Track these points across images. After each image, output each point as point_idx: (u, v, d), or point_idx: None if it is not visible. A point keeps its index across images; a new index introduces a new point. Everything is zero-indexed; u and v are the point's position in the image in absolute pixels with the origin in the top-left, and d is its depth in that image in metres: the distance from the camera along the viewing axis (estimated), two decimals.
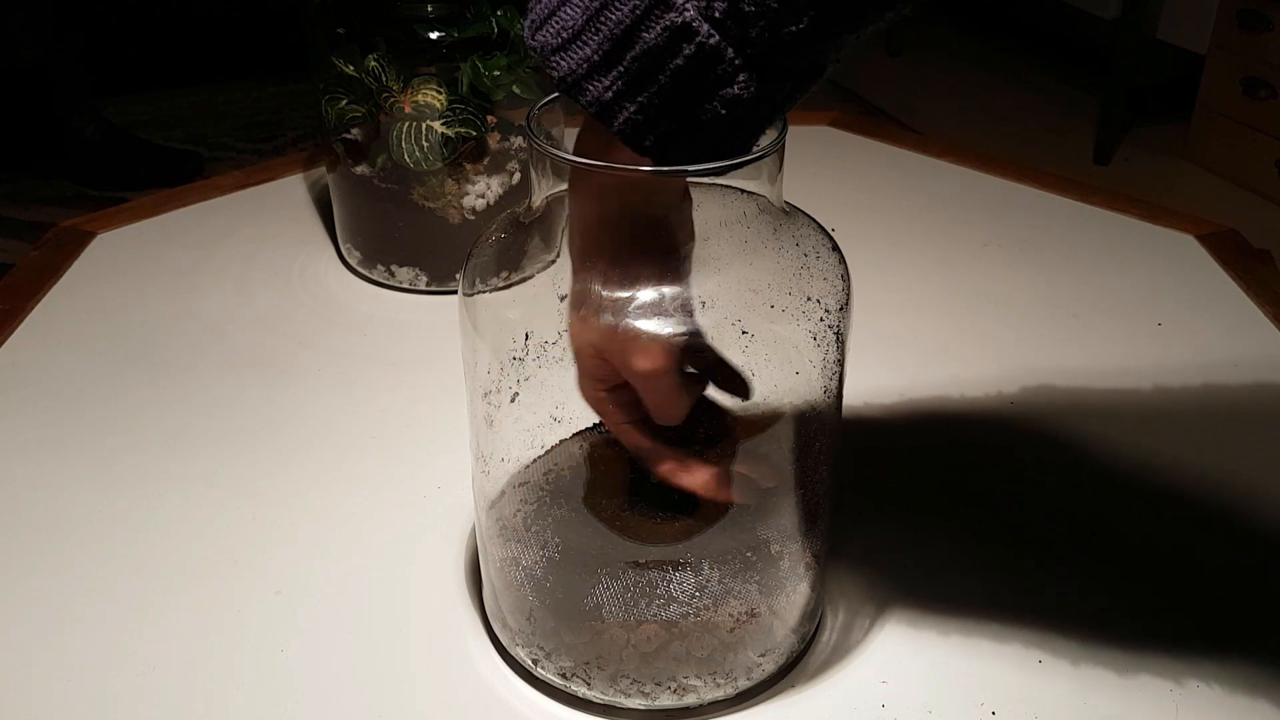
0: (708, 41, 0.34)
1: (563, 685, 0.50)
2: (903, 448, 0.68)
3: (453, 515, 0.61)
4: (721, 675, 0.49)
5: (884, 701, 0.50)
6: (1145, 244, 0.91)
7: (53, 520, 0.61)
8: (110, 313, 0.81)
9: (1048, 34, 2.94)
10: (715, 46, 0.34)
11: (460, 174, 0.79)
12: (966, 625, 0.54)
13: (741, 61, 0.35)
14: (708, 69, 0.35)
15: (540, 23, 0.37)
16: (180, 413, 0.70)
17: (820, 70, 0.37)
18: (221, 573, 0.58)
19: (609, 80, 0.35)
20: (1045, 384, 0.73)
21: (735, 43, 0.34)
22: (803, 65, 0.36)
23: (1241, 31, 2.22)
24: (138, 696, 0.51)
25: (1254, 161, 2.25)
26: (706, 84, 0.35)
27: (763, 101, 0.36)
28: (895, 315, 0.80)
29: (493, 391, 0.47)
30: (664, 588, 0.48)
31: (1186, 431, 0.69)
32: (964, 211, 0.96)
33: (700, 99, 0.36)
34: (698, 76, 0.35)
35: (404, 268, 0.83)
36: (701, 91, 0.35)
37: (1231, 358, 0.76)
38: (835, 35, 0.35)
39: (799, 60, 0.36)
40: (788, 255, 0.45)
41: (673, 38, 0.34)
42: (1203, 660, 0.53)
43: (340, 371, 0.75)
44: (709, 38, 0.34)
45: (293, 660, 0.53)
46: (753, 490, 0.48)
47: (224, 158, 2.41)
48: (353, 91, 0.78)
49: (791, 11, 0.34)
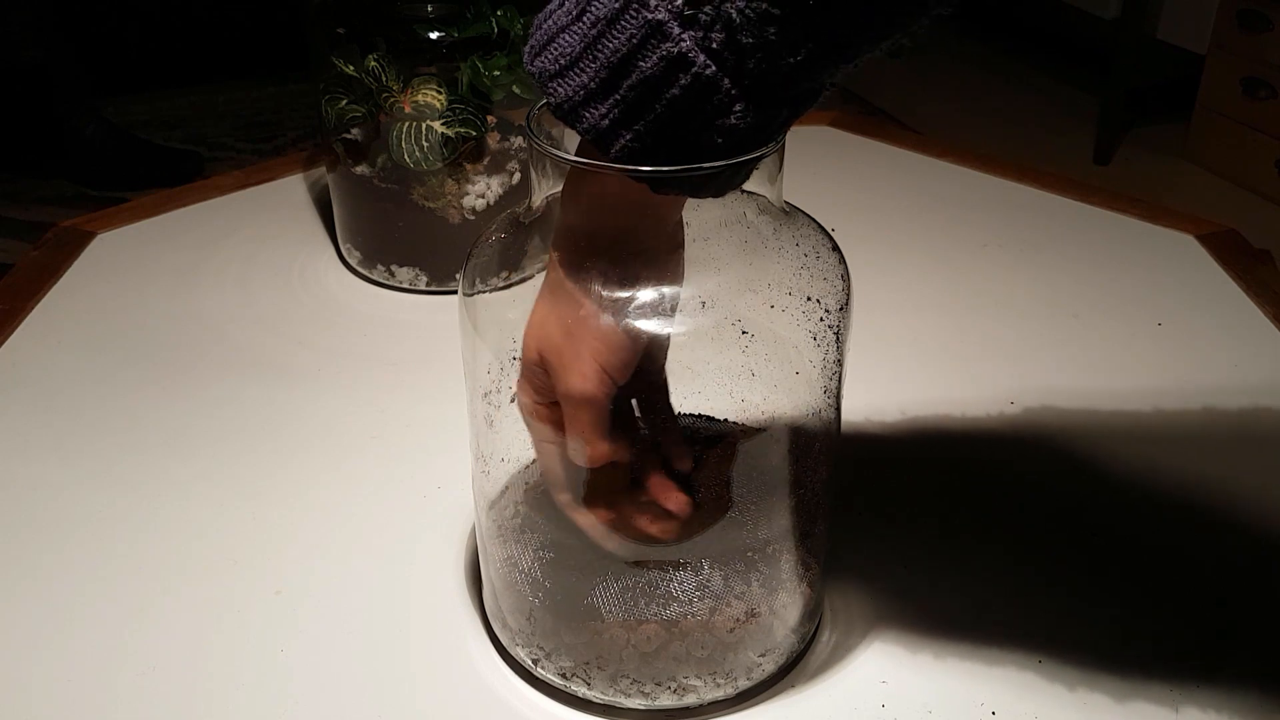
0: (704, 72, 0.34)
1: (563, 685, 0.50)
2: (903, 448, 0.68)
3: (453, 515, 0.61)
4: (721, 675, 0.49)
5: (884, 701, 0.50)
6: (1145, 244, 0.91)
7: (53, 520, 0.61)
8: (110, 313, 0.81)
9: (1048, 34, 2.94)
10: (712, 77, 0.34)
11: (460, 174, 0.79)
12: (966, 625, 0.54)
13: (738, 92, 0.35)
14: (704, 99, 0.35)
15: (539, 49, 0.37)
16: (180, 413, 0.70)
17: (815, 97, 0.38)
18: (221, 573, 0.58)
19: (605, 108, 0.36)
20: (1045, 384, 0.73)
21: (732, 73, 0.35)
22: (798, 94, 0.36)
23: (1241, 31, 2.22)
24: (138, 696, 0.51)
25: (1254, 161, 2.25)
26: (703, 114, 0.35)
27: (758, 130, 0.36)
28: (895, 315, 0.80)
29: (493, 391, 0.47)
30: (664, 588, 0.48)
31: (1186, 432, 0.69)
32: (964, 211, 0.96)
33: (697, 128, 0.36)
34: (694, 106, 0.35)
35: (404, 268, 0.83)
36: (698, 121, 0.36)
37: (1231, 358, 0.76)
38: (832, 65, 0.35)
39: (795, 90, 0.36)
40: (788, 255, 0.45)
41: (669, 67, 0.34)
42: (1202, 662, 0.53)
43: (340, 371, 0.75)
44: (705, 68, 0.34)
45: (293, 660, 0.53)
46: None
47: (224, 158, 2.41)
48: (353, 91, 0.78)
49: (789, 43, 0.34)
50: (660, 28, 0.34)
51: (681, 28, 0.34)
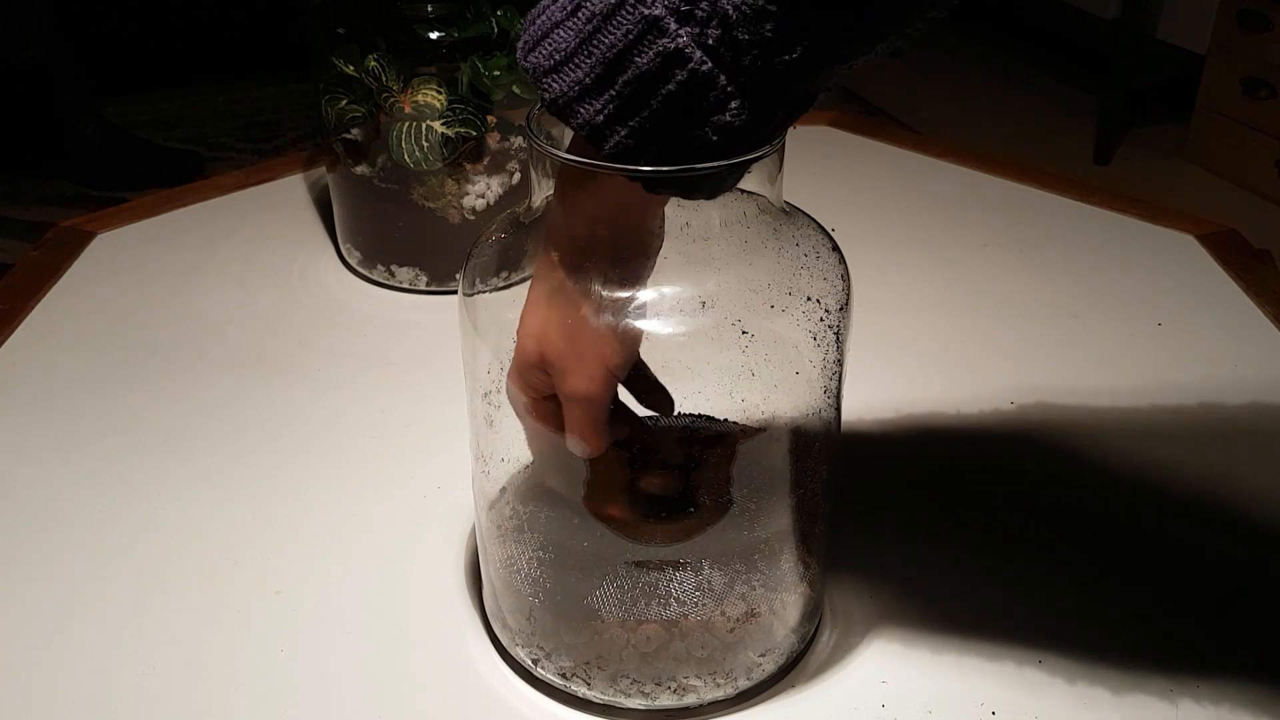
0: (700, 68, 0.34)
1: (563, 685, 0.50)
2: (903, 448, 0.68)
3: (453, 515, 0.61)
4: (721, 675, 0.49)
5: (884, 701, 0.50)
6: (1145, 244, 0.91)
7: (53, 520, 0.61)
8: (110, 313, 0.81)
9: (1048, 34, 2.94)
10: (708, 73, 0.34)
11: (460, 174, 0.79)
12: (966, 625, 0.54)
13: (734, 89, 0.35)
14: (700, 95, 0.35)
15: (533, 44, 0.37)
16: (180, 413, 0.70)
17: (810, 100, 0.37)
18: (221, 573, 0.58)
19: (600, 103, 0.35)
20: (1045, 384, 0.73)
21: (728, 70, 0.34)
22: (794, 95, 0.36)
23: (1241, 31, 2.22)
24: (138, 696, 0.51)
25: (1254, 161, 2.25)
26: (698, 111, 0.35)
27: (753, 129, 0.36)
28: (895, 315, 0.80)
29: (493, 391, 0.47)
30: (664, 588, 0.48)
31: (1186, 432, 0.69)
32: (964, 211, 0.96)
33: (692, 125, 0.36)
34: (689, 103, 0.35)
35: (404, 268, 0.83)
36: (693, 118, 0.35)
37: (1231, 358, 0.76)
38: (828, 64, 0.35)
39: (790, 89, 0.36)
40: (788, 255, 0.45)
41: (665, 63, 0.34)
42: (1203, 661, 0.53)
43: (340, 371, 0.75)
44: (701, 64, 0.34)
45: (293, 660, 0.53)
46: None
47: (224, 158, 2.41)
48: (353, 91, 0.78)
49: (785, 41, 0.34)
50: (657, 23, 0.34)
51: (678, 23, 0.34)
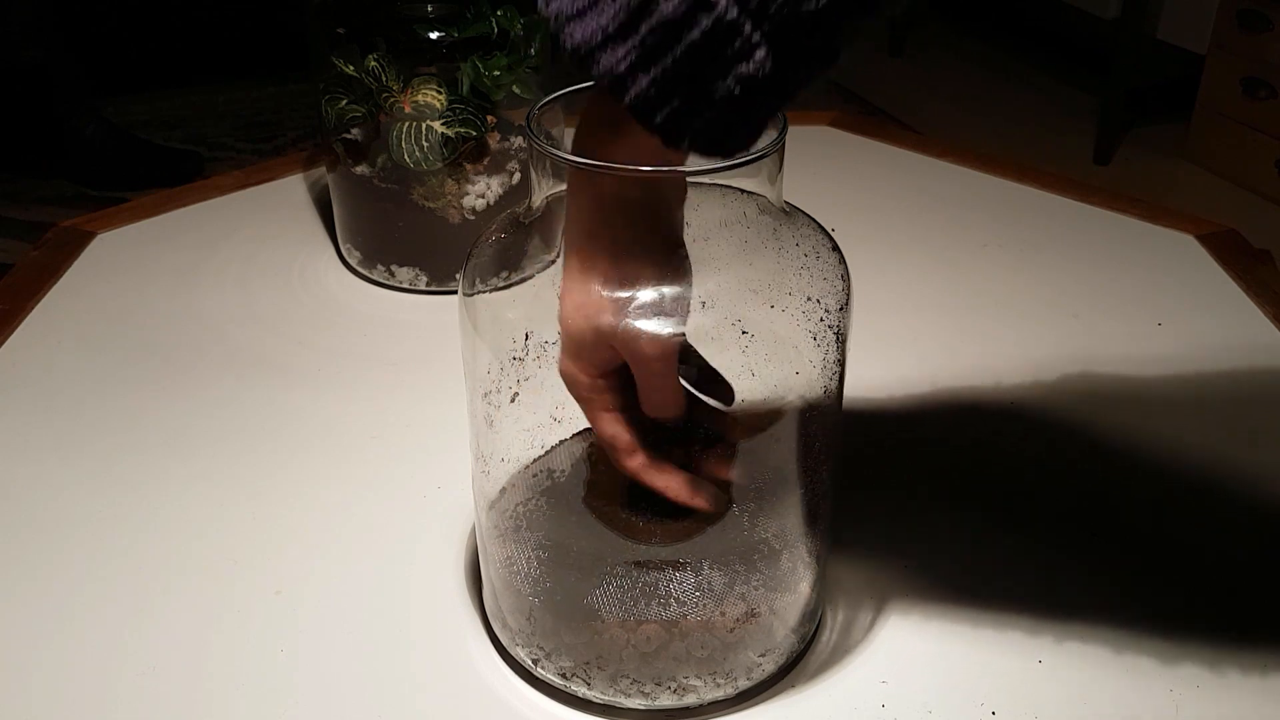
0: (726, 15, 0.34)
1: (563, 685, 0.50)
2: (903, 448, 0.68)
3: (453, 515, 0.61)
4: (721, 675, 0.49)
5: (884, 701, 0.50)
6: (1145, 244, 0.91)
7: (53, 520, 0.61)
8: (110, 313, 0.81)
9: (1048, 34, 2.94)
10: (734, 21, 0.34)
11: (460, 174, 0.79)
12: (967, 625, 0.54)
13: (759, 38, 0.34)
14: (725, 43, 0.34)
15: None
16: (180, 413, 0.70)
17: (834, 54, 0.37)
18: (221, 573, 0.58)
19: (624, 51, 0.35)
20: (1045, 384, 0.73)
21: (754, 18, 0.34)
22: (818, 46, 0.36)
23: (1241, 31, 2.22)
24: (138, 696, 0.51)
25: (1254, 161, 2.25)
26: (723, 59, 0.35)
27: (775, 83, 0.36)
28: (895, 315, 0.80)
29: (493, 391, 0.47)
30: (664, 588, 0.48)
31: (1187, 431, 0.69)
32: (964, 211, 0.96)
33: (716, 74, 0.35)
34: (715, 50, 0.34)
35: (404, 268, 0.83)
36: (717, 66, 0.35)
37: (1231, 357, 0.76)
38: (853, 16, 0.35)
39: (815, 40, 0.35)
40: (788, 255, 0.45)
41: (691, 9, 0.34)
42: (1204, 660, 0.53)
43: (340, 371, 0.75)
44: (728, 11, 0.34)
45: (293, 660, 0.53)
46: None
47: (224, 158, 2.41)
48: (353, 91, 0.78)
49: None
50: None
51: None
